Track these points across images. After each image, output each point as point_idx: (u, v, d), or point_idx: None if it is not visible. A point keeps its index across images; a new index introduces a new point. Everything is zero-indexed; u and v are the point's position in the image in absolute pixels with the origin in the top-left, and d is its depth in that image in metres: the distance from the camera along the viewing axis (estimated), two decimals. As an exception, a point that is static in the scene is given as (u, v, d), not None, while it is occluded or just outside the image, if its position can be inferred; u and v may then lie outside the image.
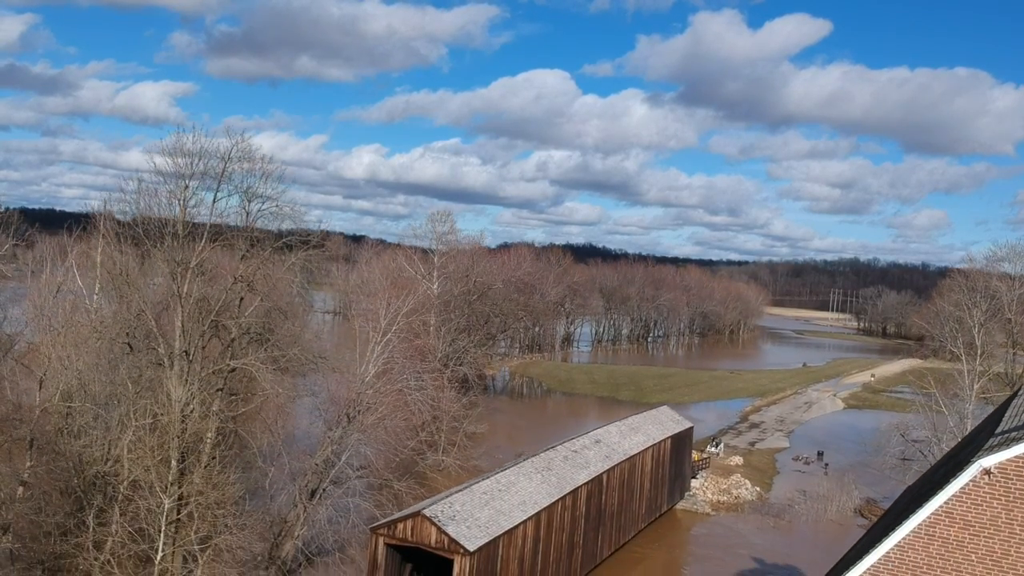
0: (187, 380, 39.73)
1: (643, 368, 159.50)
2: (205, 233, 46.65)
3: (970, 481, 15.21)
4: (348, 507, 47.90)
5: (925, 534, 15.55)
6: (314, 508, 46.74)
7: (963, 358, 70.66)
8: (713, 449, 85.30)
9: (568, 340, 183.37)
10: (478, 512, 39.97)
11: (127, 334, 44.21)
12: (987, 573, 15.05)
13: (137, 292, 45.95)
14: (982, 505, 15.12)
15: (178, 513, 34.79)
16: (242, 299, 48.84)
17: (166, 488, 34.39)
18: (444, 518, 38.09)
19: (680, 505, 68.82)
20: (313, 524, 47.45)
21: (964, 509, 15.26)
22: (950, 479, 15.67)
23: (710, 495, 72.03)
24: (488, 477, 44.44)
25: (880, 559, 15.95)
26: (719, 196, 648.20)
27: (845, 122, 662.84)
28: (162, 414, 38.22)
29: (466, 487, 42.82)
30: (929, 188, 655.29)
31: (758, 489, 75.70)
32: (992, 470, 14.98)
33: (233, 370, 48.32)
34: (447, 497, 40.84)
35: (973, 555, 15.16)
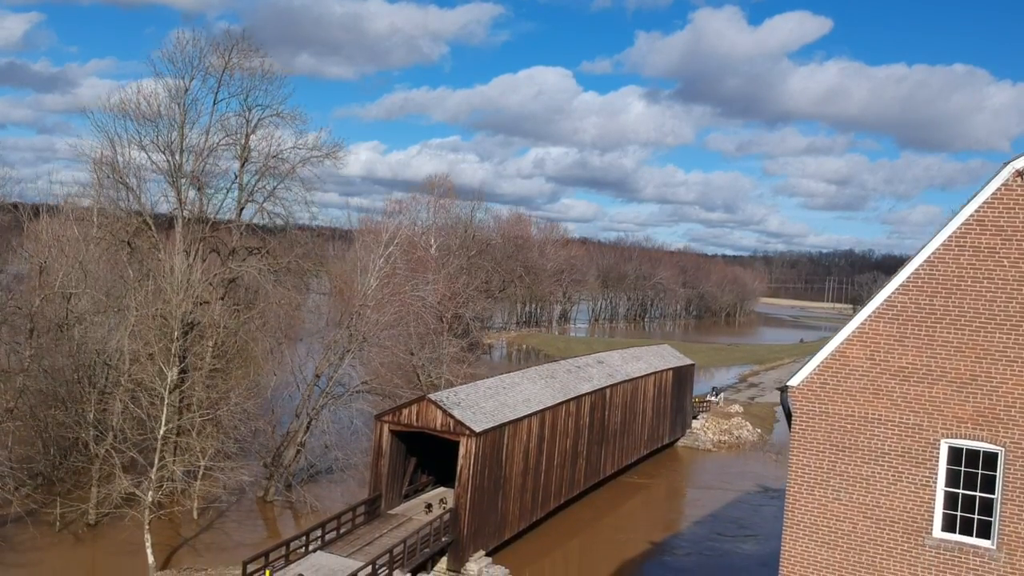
0: (189, 263, 39.34)
1: (641, 340, 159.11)
2: (206, 135, 46.30)
3: (1002, 185, 14.88)
4: (352, 416, 47.56)
5: (956, 245, 15.22)
6: (316, 415, 46.34)
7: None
8: (713, 398, 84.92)
9: (565, 317, 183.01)
10: (483, 403, 39.59)
11: (126, 231, 43.80)
12: (1020, 276, 14.73)
13: (136, 195, 45.47)
14: (1015, 208, 14.78)
15: (181, 385, 34.38)
16: (242, 209, 48.47)
17: (169, 360, 33.95)
18: (449, 403, 37.71)
19: (681, 442, 68.53)
20: (315, 433, 47.09)
21: (996, 215, 14.92)
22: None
23: (711, 435, 71.70)
24: (492, 378, 44.10)
25: (909, 277, 15.64)
26: (715, 193, 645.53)
27: (842, 119, 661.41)
28: (163, 306, 37.84)
29: (470, 384, 42.47)
30: (925, 184, 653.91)
31: (759, 431, 75.50)
32: (1025, 171, 14.64)
33: (233, 280, 47.94)
34: (451, 388, 40.48)
35: (1005, 260, 14.84)
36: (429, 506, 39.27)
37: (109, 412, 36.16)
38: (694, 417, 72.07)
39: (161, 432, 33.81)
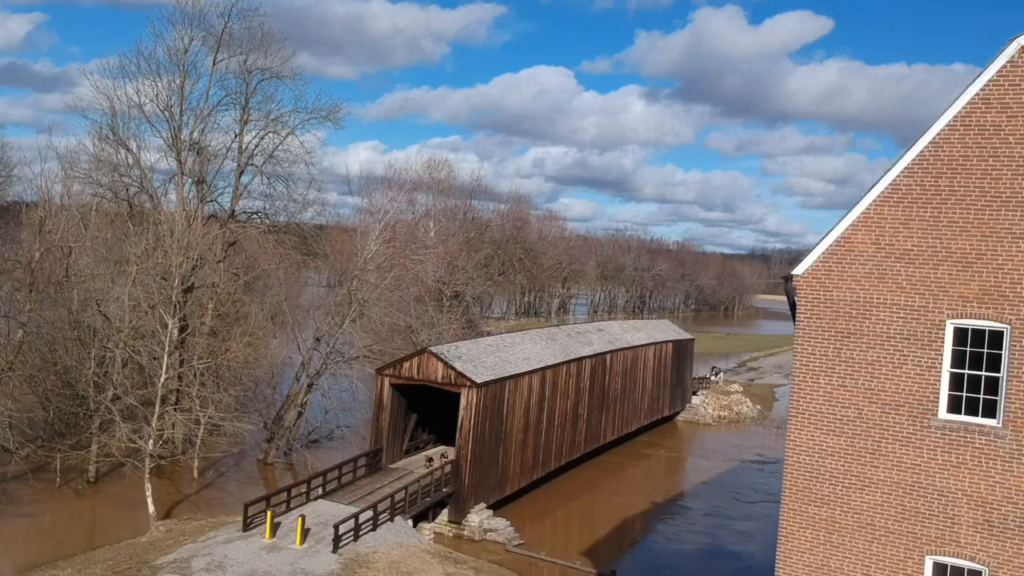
0: (189, 223, 39.26)
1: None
2: (206, 96, 46.16)
3: (1008, 62, 14.84)
4: (353, 381, 47.46)
5: (961, 125, 15.18)
6: (317, 377, 46.26)
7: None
8: (713, 378, 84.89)
9: (564, 308, 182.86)
10: (484, 358, 39.55)
11: (126, 190, 43.70)
12: (1025, 152, 14.69)
13: (135, 157, 45.31)
14: (1022, 85, 14.74)
15: (182, 333, 34.28)
16: (242, 172, 48.35)
17: (169, 310, 33.85)
18: (451, 356, 37.66)
19: (681, 416, 68.51)
20: (316, 397, 47.00)
21: (1002, 92, 14.88)
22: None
23: (711, 410, 71.62)
24: (493, 336, 44.05)
25: (914, 159, 15.59)
26: (714, 192, 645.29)
27: (841, 118, 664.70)
28: (162, 265, 37.73)
29: (471, 340, 42.41)
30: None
31: (759, 408, 75.50)
32: (1030, 47, 14.60)
33: (233, 244, 47.84)
34: (451, 343, 40.42)
35: (1011, 137, 14.80)
36: (430, 460, 39.21)
37: (109, 362, 36.06)
38: (694, 393, 72.06)
39: (162, 380, 33.74)
